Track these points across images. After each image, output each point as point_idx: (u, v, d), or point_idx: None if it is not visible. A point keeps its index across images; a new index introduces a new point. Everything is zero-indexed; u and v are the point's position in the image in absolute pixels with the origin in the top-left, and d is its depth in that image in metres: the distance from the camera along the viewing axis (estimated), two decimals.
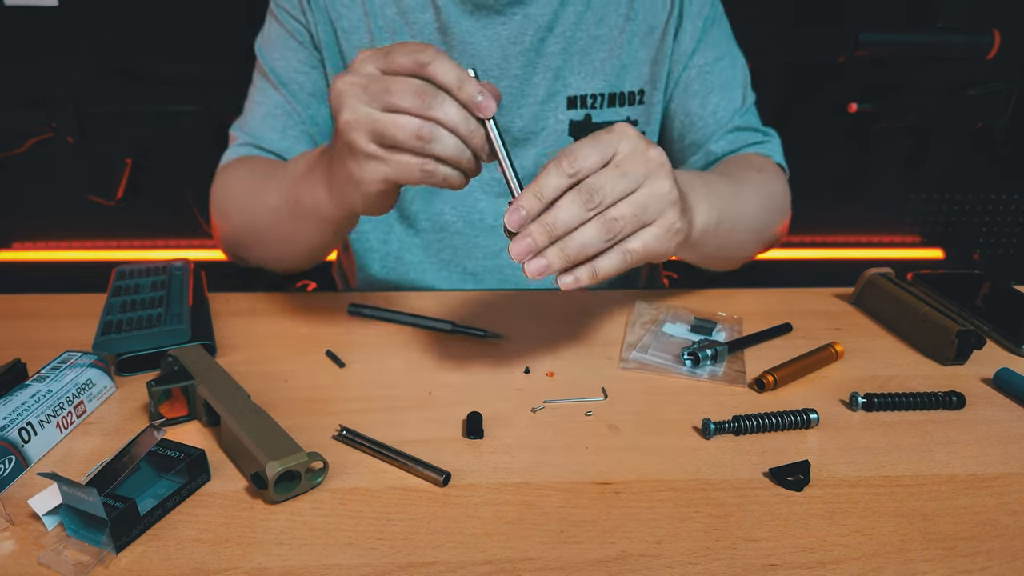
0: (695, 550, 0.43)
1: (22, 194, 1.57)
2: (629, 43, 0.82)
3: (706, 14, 0.83)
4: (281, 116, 0.83)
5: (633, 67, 0.83)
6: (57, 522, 0.44)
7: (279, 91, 0.83)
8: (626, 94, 0.84)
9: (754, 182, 0.77)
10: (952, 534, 0.45)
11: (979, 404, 0.59)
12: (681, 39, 0.83)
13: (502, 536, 0.44)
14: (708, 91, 0.84)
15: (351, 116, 0.51)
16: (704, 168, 0.86)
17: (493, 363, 0.65)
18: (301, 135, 0.83)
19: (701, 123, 0.85)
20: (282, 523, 0.45)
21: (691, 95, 0.84)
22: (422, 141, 0.50)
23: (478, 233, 0.88)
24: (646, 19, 0.82)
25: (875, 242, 1.71)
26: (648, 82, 0.84)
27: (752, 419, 0.54)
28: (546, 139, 0.84)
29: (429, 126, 0.50)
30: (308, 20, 0.82)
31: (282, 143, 0.83)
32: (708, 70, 0.84)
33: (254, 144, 0.83)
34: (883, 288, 0.74)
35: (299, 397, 0.59)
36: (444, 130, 0.51)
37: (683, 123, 0.86)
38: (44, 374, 0.56)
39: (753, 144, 0.85)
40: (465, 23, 0.79)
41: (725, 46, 0.86)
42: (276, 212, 0.69)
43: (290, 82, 0.83)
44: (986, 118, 1.53)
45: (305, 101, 0.84)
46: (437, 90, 0.50)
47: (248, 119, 0.84)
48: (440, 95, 0.50)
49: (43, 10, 1.42)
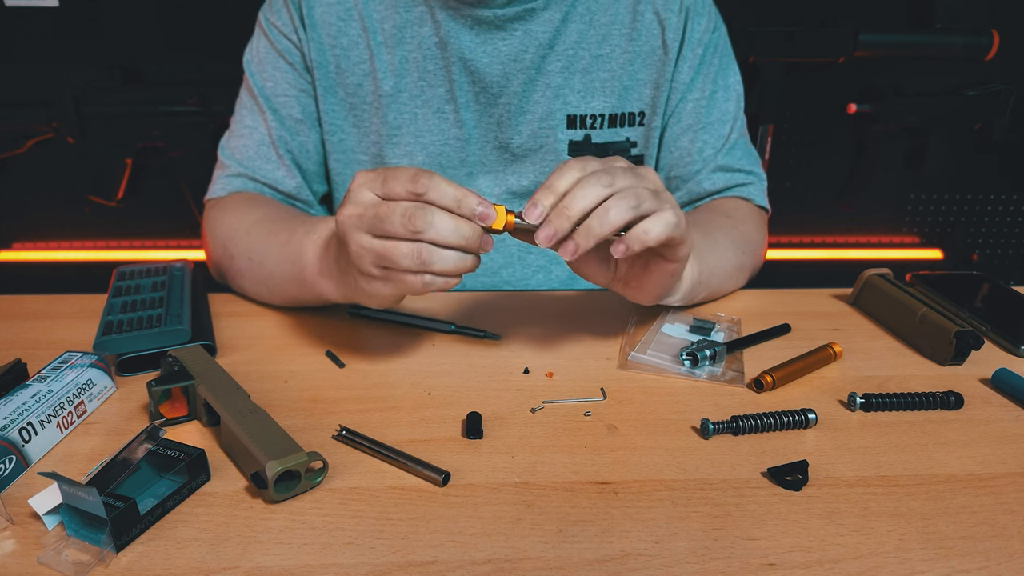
0: (694, 549, 0.43)
1: (22, 194, 1.57)
2: (631, 64, 0.81)
3: (707, 41, 0.82)
4: (272, 146, 0.82)
5: (635, 88, 0.83)
6: (57, 522, 0.44)
7: (269, 116, 0.82)
8: (627, 115, 0.83)
9: (724, 228, 0.77)
10: (950, 534, 0.45)
11: (977, 404, 0.59)
12: (680, 67, 0.82)
13: (501, 536, 0.44)
14: (700, 127, 0.84)
15: (356, 246, 0.53)
16: (686, 204, 0.87)
17: (493, 363, 0.65)
18: (291, 165, 0.83)
19: (688, 159, 0.85)
20: (282, 523, 0.45)
21: (683, 129, 0.84)
22: (422, 263, 0.52)
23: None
24: (649, 40, 0.81)
25: (874, 243, 1.71)
26: (649, 105, 0.84)
27: (751, 419, 0.54)
28: (544, 157, 0.84)
29: (427, 249, 0.51)
30: (300, 39, 0.80)
31: (276, 173, 0.82)
32: (704, 104, 0.83)
33: (248, 176, 0.82)
34: (882, 289, 0.75)
35: (299, 397, 0.59)
36: (440, 248, 0.52)
37: (672, 155, 0.86)
38: (45, 374, 0.56)
39: (736, 187, 0.85)
40: (465, 38, 0.78)
41: (723, 76, 0.84)
42: (279, 278, 0.70)
43: (280, 107, 0.82)
44: (985, 119, 1.53)
45: (294, 128, 0.83)
46: (427, 210, 0.51)
47: (239, 146, 0.83)
48: (430, 215, 0.51)
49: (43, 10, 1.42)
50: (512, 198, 0.86)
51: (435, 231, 0.51)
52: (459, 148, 0.83)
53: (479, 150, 0.84)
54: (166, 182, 1.54)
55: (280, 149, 0.82)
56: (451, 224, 0.51)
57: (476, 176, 0.85)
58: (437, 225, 0.51)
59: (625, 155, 0.85)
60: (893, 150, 1.61)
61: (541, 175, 0.85)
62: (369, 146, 0.84)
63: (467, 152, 0.84)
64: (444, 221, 0.51)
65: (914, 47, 1.47)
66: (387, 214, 0.51)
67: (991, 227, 1.70)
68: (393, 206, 0.51)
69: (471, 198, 0.52)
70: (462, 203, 0.51)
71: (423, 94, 0.81)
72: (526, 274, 0.89)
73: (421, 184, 0.51)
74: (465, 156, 0.84)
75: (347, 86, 0.82)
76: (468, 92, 0.81)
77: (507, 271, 0.89)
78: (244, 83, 0.84)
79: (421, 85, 0.81)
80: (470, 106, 0.82)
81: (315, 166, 0.86)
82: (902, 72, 1.53)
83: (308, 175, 0.86)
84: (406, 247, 0.51)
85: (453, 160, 0.84)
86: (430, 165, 0.84)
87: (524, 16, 0.78)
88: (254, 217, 0.76)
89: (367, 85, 0.81)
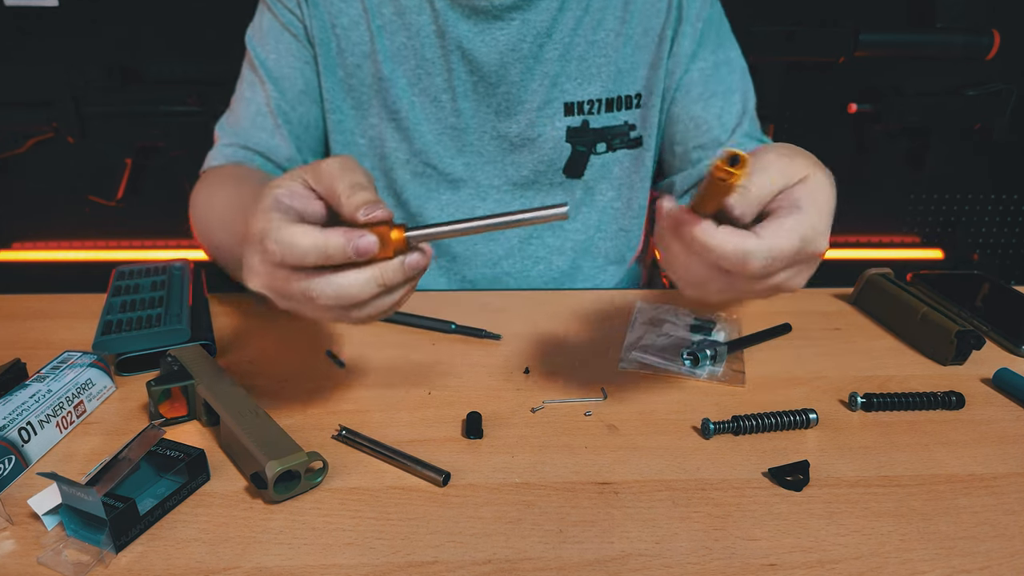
0: (694, 550, 0.43)
1: (22, 194, 1.57)
2: (625, 46, 0.82)
3: (705, 16, 0.82)
4: (269, 115, 0.81)
5: (630, 71, 0.83)
6: (57, 522, 0.44)
7: (269, 86, 0.81)
8: (623, 98, 0.83)
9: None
10: (951, 534, 0.45)
11: (978, 404, 0.59)
12: (680, 42, 0.82)
13: (502, 536, 0.44)
14: (710, 95, 0.83)
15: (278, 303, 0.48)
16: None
17: (493, 363, 0.65)
18: (288, 136, 0.82)
19: (706, 126, 0.84)
20: (282, 523, 0.45)
21: (693, 99, 0.84)
22: (346, 318, 0.47)
23: (477, 241, 0.88)
24: (642, 22, 0.81)
25: (874, 242, 1.71)
26: (645, 86, 0.84)
27: (751, 419, 0.54)
28: (542, 146, 0.84)
29: (341, 310, 0.46)
30: (303, 13, 0.80)
31: (270, 142, 0.81)
32: (709, 74, 0.83)
33: (239, 145, 0.81)
34: (882, 288, 0.75)
35: (299, 397, 0.59)
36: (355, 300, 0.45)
37: (687, 126, 0.85)
38: (44, 374, 0.56)
39: None
40: (463, 27, 0.78)
41: (725, 50, 0.85)
42: (220, 247, 0.69)
43: (281, 78, 0.81)
44: (986, 119, 1.53)
45: (295, 99, 0.82)
46: (310, 283, 0.44)
47: (236, 116, 0.83)
48: (315, 287, 0.44)
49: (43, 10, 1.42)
50: (512, 188, 0.86)
51: (326, 299, 0.44)
52: (456, 137, 0.83)
53: (476, 140, 0.84)
54: (166, 181, 1.54)
55: (278, 119, 0.81)
56: (330, 289, 0.44)
57: (474, 166, 0.85)
58: (325, 293, 0.44)
59: (624, 139, 0.85)
60: (893, 150, 1.61)
61: (539, 164, 0.85)
62: (367, 128, 0.84)
63: (464, 142, 0.84)
64: (325, 288, 0.44)
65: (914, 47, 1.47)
66: (285, 291, 0.45)
67: (992, 227, 1.70)
68: (283, 287, 0.45)
69: (335, 239, 0.43)
70: (328, 253, 0.43)
71: (420, 82, 0.81)
72: (526, 265, 0.89)
73: (274, 253, 0.43)
74: (463, 146, 0.84)
75: (347, 67, 0.82)
76: (466, 81, 0.81)
77: (507, 262, 0.89)
78: (246, 59, 0.84)
79: (419, 73, 0.81)
80: (468, 95, 0.82)
81: (315, 142, 0.86)
82: (902, 72, 1.53)
83: (306, 149, 0.85)
84: (321, 312, 0.46)
85: (451, 149, 0.84)
86: (428, 155, 0.84)
87: (522, 5, 0.78)
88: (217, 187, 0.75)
89: (367, 67, 0.81)
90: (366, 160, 0.86)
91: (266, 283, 0.46)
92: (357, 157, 0.86)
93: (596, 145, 0.85)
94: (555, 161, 0.85)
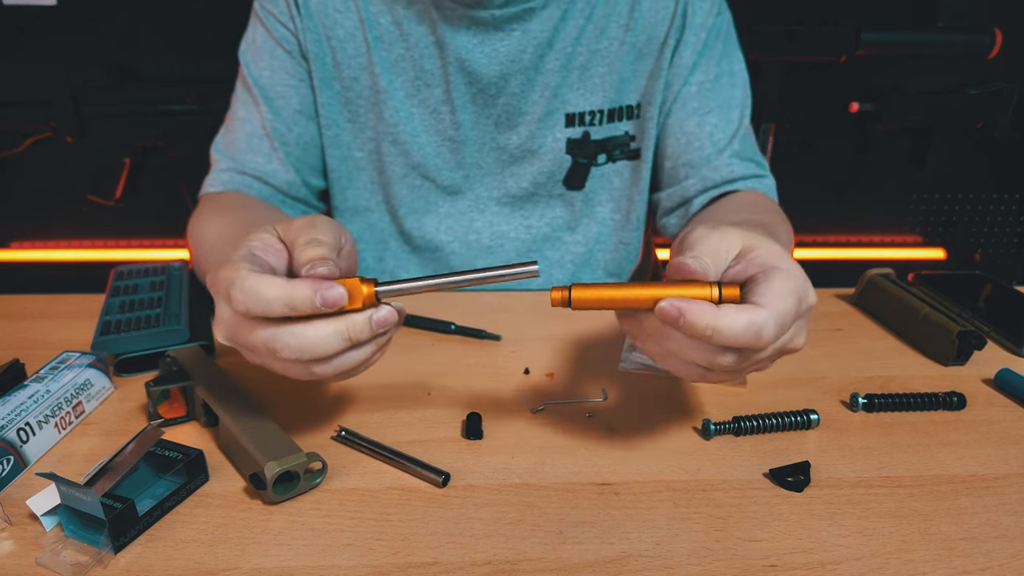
0: (695, 551, 0.43)
1: (21, 194, 1.57)
2: (627, 55, 0.80)
3: (710, 25, 0.80)
4: (266, 138, 0.80)
5: (631, 80, 0.81)
6: (55, 523, 0.44)
7: (263, 107, 0.80)
8: (624, 108, 0.82)
9: (787, 232, 0.75)
10: (952, 535, 0.45)
11: (980, 405, 0.59)
12: (682, 52, 0.80)
13: (502, 537, 0.44)
14: (707, 110, 0.81)
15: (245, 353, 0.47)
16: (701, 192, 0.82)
17: (493, 364, 0.65)
18: (286, 158, 0.81)
19: (698, 143, 0.81)
20: (281, 524, 0.45)
21: (689, 113, 0.81)
22: (310, 374, 0.45)
23: (475, 254, 0.87)
24: (645, 30, 0.79)
25: (876, 242, 1.71)
26: (644, 95, 0.82)
27: (752, 420, 0.54)
28: (543, 158, 0.83)
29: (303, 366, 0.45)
30: (296, 28, 0.78)
31: (267, 166, 0.80)
32: (708, 88, 0.81)
33: (237, 170, 0.80)
34: (884, 288, 0.74)
35: (298, 397, 0.59)
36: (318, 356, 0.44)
37: (679, 141, 0.82)
38: (42, 374, 0.56)
39: (752, 177, 0.81)
40: (462, 38, 0.77)
41: (727, 62, 0.82)
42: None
43: (276, 97, 0.80)
44: (987, 118, 1.53)
45: (291, 118, 0.81)
46: (274, 336, 0.43)
47: (231, 138, 0.81)
48: (280, 340, 0.43)
49: (43, 10, 1.42)
50: (511, 200, 0.85)
51: (289, 351, 0.43)
52: (455, 150, 0.83)
53: (476, 152, 0.83)
54: (165, 181, 1.54)
55: (275, 141, 0.80)
56: (293, 340, 0.43)
57: (473, 179, 0.84)
58: (288, 345, 0.43)
59: (624, 149, 0.84)
60: (895, 149, 1.61)
61: (539, 175, 0.84)
62: (365, 142, 0.83)
63: (463, 154, 0.83)
64: (288, 339, 0.43)
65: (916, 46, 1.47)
66: (248, 343, 0.45)
67: (993, 226, 1.70)
68: (247, 339, 0.44)
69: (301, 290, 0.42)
70: (294, 304, 0.42)
71: (419, 94, 0.80)
72: (525, 280, 0.88)
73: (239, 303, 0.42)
74: (461, 159, 0.83)
75: (343, 79, 0.80)
76: (465, 93, 0.80)
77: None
78: (240, 76, 0.82)
79: (417, 84, 0.80)
80: (467, 107, 0.81)
81: (314, 159, 0.85)
82: (904, 71, 1.53)
83: (306, 169, 0.84)
84: (285, 365, 0.45)
85: (449, 162, 0.83)
86: (426, 167, 0.83)
87: (523, 16, 0.76)
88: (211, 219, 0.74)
89: (364, 79, 0.80)
90: (363, 173, 0.85)
91: (231, 333, 0.45)
92: (354, 170, 0.85)
93: (597, 156, 0.84)
94: (555, 173, 0.84)
